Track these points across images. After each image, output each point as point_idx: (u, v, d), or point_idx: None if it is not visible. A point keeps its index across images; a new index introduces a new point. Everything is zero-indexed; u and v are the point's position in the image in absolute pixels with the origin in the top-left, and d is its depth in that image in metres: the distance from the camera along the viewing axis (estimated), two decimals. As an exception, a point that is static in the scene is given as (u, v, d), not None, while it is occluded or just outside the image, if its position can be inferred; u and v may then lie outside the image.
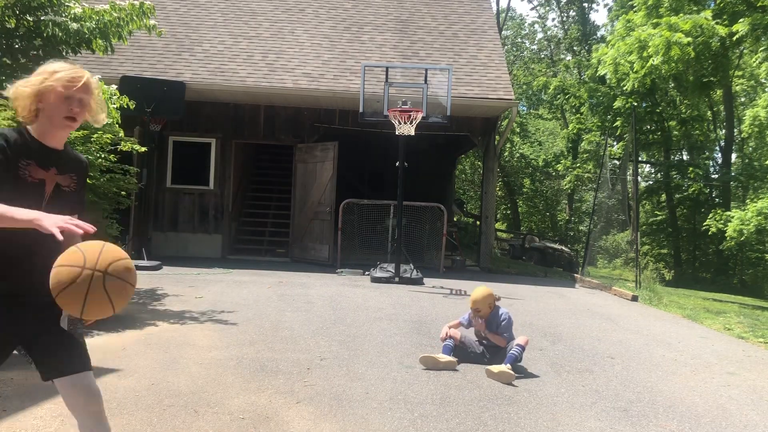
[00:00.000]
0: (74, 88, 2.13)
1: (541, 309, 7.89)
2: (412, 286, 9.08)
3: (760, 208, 12.79)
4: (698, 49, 12.75)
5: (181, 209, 12.05)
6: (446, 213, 11.69)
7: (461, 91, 11.40)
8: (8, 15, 6.11)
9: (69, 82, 2.12)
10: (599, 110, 23.49)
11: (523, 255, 18.30)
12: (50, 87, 2.11)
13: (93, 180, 5.94)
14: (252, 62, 12.04)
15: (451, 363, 4.78)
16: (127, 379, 4.09)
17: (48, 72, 2.15)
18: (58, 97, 2.11)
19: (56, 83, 2.11)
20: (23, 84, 2.13)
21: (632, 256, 14.65)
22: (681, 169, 23.18)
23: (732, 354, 6.19)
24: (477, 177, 26.94)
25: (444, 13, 14.32)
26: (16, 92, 2.14)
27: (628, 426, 3.79)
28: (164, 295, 7.16)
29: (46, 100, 2.12)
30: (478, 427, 3.59)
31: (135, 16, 6.58)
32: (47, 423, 3.28)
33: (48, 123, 2.15)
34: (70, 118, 2.15)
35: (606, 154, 17.20)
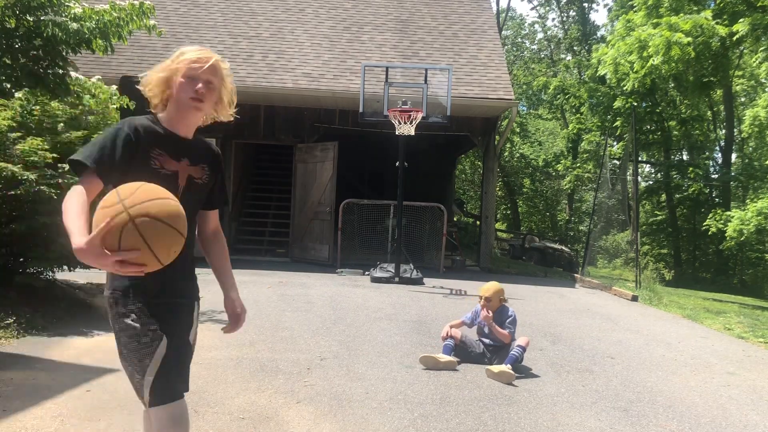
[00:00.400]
0: (200, 69, 2.01)
1: (541, 309, 7.89)
2: (412, 286, 9.08)
3: (760, 208, 12.79)
4: (698, 49, 12.74)
5: (181, 209, 12.04)
6: (446, 213, 11.68)
7: (461, 91, 11.40)
8: (8, 15, 6.11)
9: (194, 62, 2.01)
10: (599, 110, 23.48)
11: (523, 255, 18.29)
12: (176, 69, 2.02)
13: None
14: (252, 62, 12.03)
15: (451, 363, 4.78)
16: (127, 379, 4.08)
17: (175, 55, 2.06)
18: (184, 78, 2.01)
19: (181, 64, 2.02)
20: (154, 70, 2.05)
21: (632, 256, 14.66)
22: (681, 169, 23.18)
23: (732, 354, 6.19)
24: (477, 177, 26.94)
25: (444, 13, 14.32)
26: (148, 79, 2.05)
27: (628, 426, 3.79)
28: (164, 295, 7.14)
29: (173, 84, 2.02)
30: (478, 427, 3.59)
31: (135, 16, 6.58)
32: (47, 423, 3.28)
33: (175, 108, 2.05)
34: (196, 99, 2.01)
35: (606, 154, 17.20)
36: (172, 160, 2.01)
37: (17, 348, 4.67)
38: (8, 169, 5.25)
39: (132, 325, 1.97)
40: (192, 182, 2.07)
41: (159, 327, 1.98)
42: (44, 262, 5.83)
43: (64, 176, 5.60)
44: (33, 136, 5.76)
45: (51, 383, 3.90)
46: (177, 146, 2.04)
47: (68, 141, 5.99)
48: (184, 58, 2.02)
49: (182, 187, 2.04)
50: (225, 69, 2.09)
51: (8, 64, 6.21)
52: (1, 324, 5.06)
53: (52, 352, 4.63)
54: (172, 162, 2.01)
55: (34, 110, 6.09)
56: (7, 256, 5.97)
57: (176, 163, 2.02)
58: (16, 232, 5.69)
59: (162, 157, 1.99)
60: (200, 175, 2.11)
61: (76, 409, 3.48)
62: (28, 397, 3.61)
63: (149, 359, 1.97)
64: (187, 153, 2.07)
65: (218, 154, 2.25)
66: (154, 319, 1.98)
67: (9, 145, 5.62)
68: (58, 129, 6.09)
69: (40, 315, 5.52)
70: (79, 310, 6.06)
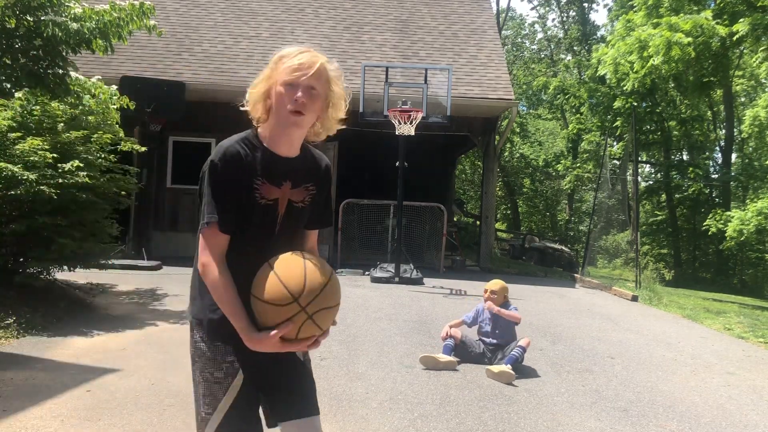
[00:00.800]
0: (302, 76, 1.72)
1: (541, 309, 7.89)
2: (412, 286, 9.07)
3: (760, 208, 12.78)
4: (698, 49, 12.73)
5: (181, 209, 12.03)
6: (446, 213, 11.68)
7: (461, 91, 11.40)
8: (8, 15, 6.11)
9: (296, 69, 1.73)
10: (599, 110, 23.47)
11: (523, 255, 18.28)
12: (275, 78, 1.76)
13: (93, 180, 5.93)
14: (252, 62, 12.03)
15: (451, 363, 4.78)
16: (127, 379, 4.09)
17: (274, 60, 1.79)
18: (283, 86, 1.73)
19: (280, 72, 1.75)
20: (254, 83, 1.81)
21: (632, 256, 14.66)
22: (681, 169, 23.17)
23: (732, 354, 6.19)
24: (477, 177, 26.93)
25: (444, 13, 14.32)
26: (249, 96, 1.81)
27: (628, 426, 3.79)
28: (164, 295, 7.15)
29: (272, 94, 1.77)
30: (478, 427, 3.59)
31: (135, 16, 6.58)
32: (47, 423, 3.27)
33: (276, 123, 1.78)
34: (296, 112, 1.73)
35: (606, 154, 17.19)
36: (272, 187, 1.78)
37: (17, 348, 4.67)
38: (8, 169, 5.25)
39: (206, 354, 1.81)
40: (292, 208, 1.83)
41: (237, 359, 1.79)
42: (44, 262, 5.84)
43: (64, 176, 5.61)
44: (33, 136, 5.76)
45: (51, 383, 3.90)
46: (278, 169, 1.80)
47: (68, 141, 5.99)
48: (283, 64, 1.76)
49: (281, 216, 1.82)
50: (332, 71, 1.79)
51: (8, 64, 6.22)
52: (1, 324, 5.06)
53: (52, 352, 4.63)
54: (273, 189, 1.79)
55: (34, 110, 6.09)
56: (7, 256, 5.97)
57: (277, 189, 1.79)
58: (16, 232, 5.69)
59: (263, 186, 1.77)
60: (302, 198, 1.86)
61: (76, 409, 3.48)
62: (28, 397, 3.61)
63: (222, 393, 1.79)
64: (290, 175, 1.82)
65: (327, 171, 1.97)
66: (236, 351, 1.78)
67: (9, 145, 5.62)
68: (58, 129, 6.09)
69: (39, 315, 5.52)
70: (79, 310, 6.06)
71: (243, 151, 1.76)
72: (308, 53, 1.77)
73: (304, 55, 1.76)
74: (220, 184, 1.73)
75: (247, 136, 1.81)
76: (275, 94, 1.75)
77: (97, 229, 6.41)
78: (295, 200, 1.83)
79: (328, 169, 1.97)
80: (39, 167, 5.49)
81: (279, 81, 1.74)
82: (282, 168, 1.80)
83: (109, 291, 7.24)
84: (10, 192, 5.38)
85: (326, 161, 1.98)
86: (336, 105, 1.82)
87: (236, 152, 1.75)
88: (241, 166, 1.74)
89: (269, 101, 1.77)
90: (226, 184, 1.72)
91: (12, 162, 5.39)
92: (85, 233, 6.16)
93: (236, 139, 1.79)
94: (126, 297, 6.98)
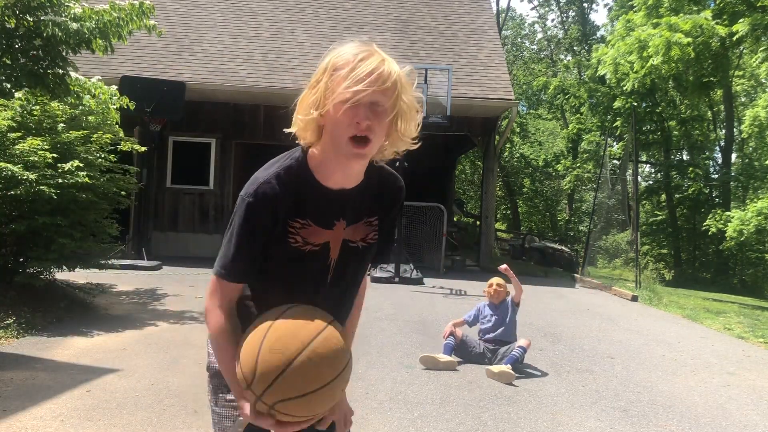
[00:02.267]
0: (364, 92, 1.28)
1: (541, 309, 7.89)
2: (412, 286, 9.07)
3: (760, 208, 12.77)
4: (698, 49, 12.73)
5: (181, 209, 12.04)
6: (446, 213, 11.68)
7: (461, 91, 11.40)
8: (8, 15, 6.12)
9: (358, 82, 1.28)
10: (599, 110, 23.46)
11: (523, 255, 18.28)
12: (328, 88, 1.32)
13: (93, 180, 5.93)
14: (252, 62, 12.03)
15: (451, 363, 4.78)
16: (127, 379, 4.09)
17: (326, 67, 1.34)
18: (340, 103, 1.29)
19: (335, 81, 1.31)
20: (304, 94, 1.40)
21: (632, 256, 14.65)
22: (681, 169, 23.16)
23: (732, 354, 6.19)
24: (477, 177, 26.93)
25: (444, 13, 14.32)
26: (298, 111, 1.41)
27: (628, 426, 3.79)
28: (164, 295, 7.15)
29: (327, 115, 1.33)
30: (478, 427, 3.59)
31: (135, 16, 6.59)
32: (47, 423, 3.27)
33: (331, 149, 1.36)
34: (359, 143, 1.31)
35: (606, 154, 17.19)
36: (320, 229, 1.41)
37: (17, 348, 4.66)
38: (8, 169, 5.24)
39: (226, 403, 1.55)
40: (347, 249, 1.46)
41: None
42: (44, 262, 5.84)
43: (64, 176, 5.60)
44: (33, 136, 5.76)
45: (51, 383, 3.89)
46: (329, 206, 1.41)
47: (68, 141, 5.99)
48: (339, 74, 1.31)
49: (334, 261, 1.45)
50: (403, 78, 1.35)
51: (8, 64, 6.22)
52: (1, 324, 5.06)
53: (52, 352, 4.63)
54: (320, 231, 1.41)
55: (34, 110, 6.09)
56: (7, 256, 5.97)
57: (327, 231, 1.42)
58: (16, 232, 5.69)
59: (306, 230, 1.40)
60: (364, 235, 1.48)
61: (76, 409, 3.48)
62: (28, 397, 3.61)
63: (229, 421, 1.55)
64: (345, 209, 1.43)
65: (399, 195, 1.55)
66: None
67: (9, 145, 5.61)
68: (58, 129, 6.09)
69: (40, 315, 5.52)
70: (79, 310, 6.05)
71: (282, 189, 1.37)
72: (372, 57, 1.32)
73: (368, 62, 1.30)
74: (249, 232, 1.38)
75: (291, 164, 1.41)
76: (330, 114, 1.32)
77: (97, 229, 6.41)
78: (353, 240, 1.46)
79: (401, 192, 1.55)
80: (39, 167, 5.49)
81: (335, 95, 1.30)
82: (335, 204, 1.41)
83: (109, 291, 7.24)
84: (10, 192, 5.38)
85: (399, 183, 1.55)
86: (407, 118, 1.37)
87: (273, 192, 1.37)
88: (280, 206, 1.37)
89: (320, 120, 1.35)
90: (255, 232, 1.38)
91: (12, 162, 5.39)
92: (85, 233, 6.16)
93: (276, 171, 1.40)
94: (126, 297, 6.98)
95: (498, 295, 5.14)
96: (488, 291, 5.20)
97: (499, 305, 5.15)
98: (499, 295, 5.14)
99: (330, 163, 1.38)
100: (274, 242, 1.40)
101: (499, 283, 5.20)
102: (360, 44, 1.35)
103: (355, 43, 1.35)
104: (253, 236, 1.38)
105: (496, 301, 5.16)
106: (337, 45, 1.37)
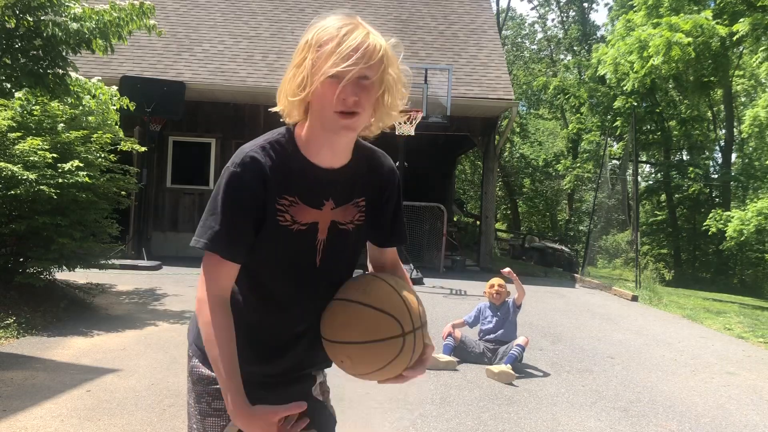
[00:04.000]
0: (350, 65, 1.25)
1: (541, 309, 7.89)
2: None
3: (760, 208, 12.78)
4: (698, 49, 12.73)
5: (181, 209, 12.04)
6: (446, 213, 11.68)
7: (461, 91, 11.40)
8: (8, 15, 6.11)
9: (346, 57, 1.25)
10: (599, 110, 23.48)
11: (523, 255, 18.29)
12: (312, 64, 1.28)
13: (93, 180, 5.93)
14: (252, 62, 12.03)
15: (451, 363, 4.78)
16: (127, 379, 4.09)
17: (309, 42, 1.31)
18: (326, 78, 1.26)
19: (320, 55, 1.27)
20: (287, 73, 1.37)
21: (632, 256, 14.65)
22: (681, 169, 23.17)
23: (732, 354, 6.19)
24: (477, 177, 26.93)
25: (444, 13, 14.32)
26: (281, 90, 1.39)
27: (628, 426, 3.79)
28: (164, 295, 7.15)
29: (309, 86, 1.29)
30: (478, 427, 3.59)
31: (135, 16, 6.59)
32: (47, 423, 3.27)
33: (318, 126, 1.34)
34: (346, 114, 1.28)
35: (606, 154, 17.20)
36: (307, 208, 1.36)
37: (17, 348, 4.66)
38: (8, 169, 5.25)
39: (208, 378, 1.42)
40: (336, 230, 1.41)
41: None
42: (44, 262, 5.84)
43: (64, 176, 5.61)
44: (33, 136, 5.76)
45: (51, 383, 3.89)
46: (318, 184, 1.37)
47: (68, 141, 5.99)
48: (324, 49, 1.28)
49: (322, 243, 1.39)
50: (387, 50, 1.34)
51: (8, 64, 6.22)
52: (1, 324, 5.06)
53: (52, 352, 4.63)
54: (308, 211, 1.36)
55: (34, 110, 6.09)
56: (7, 256, 5.97)
57: (315, 210, 1.36)
58: (16, 232, 5.69)
59: (294, 207, 1.34)
60: (351, 217, 1.43)
61: (76, 409, 3.48)
62: (28, 397, 3.61)
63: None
64: (334, 189, 1.39)
65: (391, 176, 1.52)
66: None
67: (9, 145, 5.62)
68: (58, 129, 6.09)
69: (40, 315, 5.52)
70: (79, 310, 6.05)
71: (269, 161, 1.33)
72: (357, 30, 1.30)
73: (353, 36, 1.28)
74: (236, 201, 1.30)
75: (279, 139, 1.38)
76: (315, 90, 1.28)
77: (97, 229, 6.41)
78: (342, 221, 1.41)
79: (392, 173, 1.51)
80: (39, 167, 5.49)
81: (321, 73, 1.26)
82: (323, 182, 1.37)
83: (109, 291, 7.24)
84: (10, 192, 5.38)
85: (389, 164, 1.51)
86: (393, 91, 1.35)
87: (260, 163, 1.32)
88: (269, 179, 1.32)
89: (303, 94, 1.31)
90: (243, 202, 1.31)
91: (12, 162, 5.39)
92: (85, 233, 6.16)
93: (262, 143, 1.37)
94: (126, 297, 6.98)
95: (499, 296, 5.14)
96: (489, 292, 5.19)
97: (500, 306, 5.15)
98: (500, 297, 5.14)
99: (318, 140, 1.35)
100: (262, 220, 1.33)
101: (500, 284, 5.19)
102: (343, 17, 1.32)
103: (339, 16, 1.32)
104: (241, 208, 1.30)
105: (497, 302, 5.15)
106: (319, 18, 1.34)
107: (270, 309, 1.39)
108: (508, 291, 5.21)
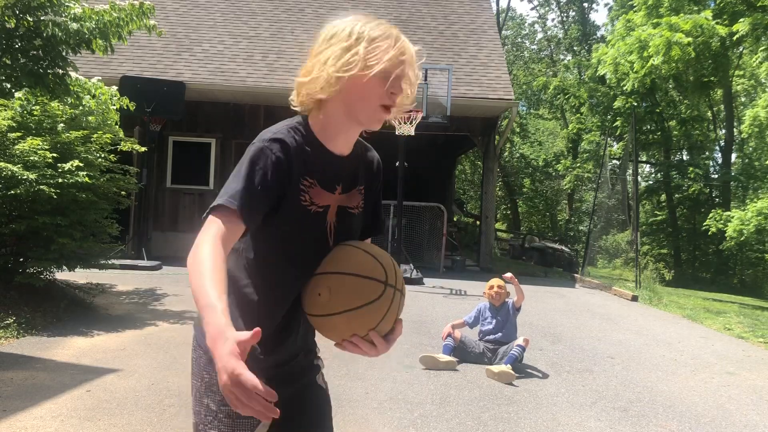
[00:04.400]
0: (399, 66, 1.37)
1: (541, 309, 7.89)
2: (411, 286, 9.08)
3: (760, 208, 12.78)
4: (698, 49, 12.73)
5: (181, 209, 12.04)
6: (446, 213, 11.68)
7: (461, 91, 11.40)
8: (8, 15, 6.11)
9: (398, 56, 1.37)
10: (599, 110, 23.49)
11: (523, 255, 18.29)
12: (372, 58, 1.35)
13: (93, 180, 5.93)
14: (252, 62, 12.04)
15: (451, 363, 4.78)
16: (127, 379, 4.09)
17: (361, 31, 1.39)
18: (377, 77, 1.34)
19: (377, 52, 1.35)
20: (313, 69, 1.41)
21: (632, 256, 14.65)
22: (681, 169, 23.17)
23: (732, 354, 6.19)
24: (477, 177, 26.94)
25: (444, 13, 14.32)
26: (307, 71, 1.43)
27: (628, 426, 3.79)
28: (164, 295, 7.15)
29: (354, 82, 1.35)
30: (478, 427, 3.59)
31: (135, 16, 6.59)
32: (47, 423, 3.27)
33: (341, 113, 1.40)
34: (387, 107, 1.38)
35: (606, 154, 17.20)
36: (324, 192, 1.42)
37: (17, 348, 4.66)
38: (8, 169, 5.25)
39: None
40: (345, 215, 1.48)
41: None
42: (44, 262, 5.84)
43: (64, 176, 5.61)
44: (33, 136, 5.76)
45: (51, 383, 3.89)
46: (331, 170, 1.44)
47: (68, 141, 5.99)
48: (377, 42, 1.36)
49: (332, 225, 1.46)
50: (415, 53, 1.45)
51: (8, 64, 6.22)
52: (1, 324, 5.06)
53: (52, 352, 4.63)
54: (324, 194, 1.42)
55: (34, 110, 6.09)
56: (7, 256, 5.97)
57: (328, 194, 1.43)
58: (16, 232, 5.69)
59: (313, 189, 1.40)
60: (356, 204, 1.51)
61: (76, 409, 3.48)
62: (28, 397, 3.61)
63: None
64: (342, 177, 1.46)
65: (379, 168, 1.62)
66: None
67: (9, 145, 5.62)
68: (58, 129, 6.09)
69: (40, 315, 5.52)
70: (79, 310, 6.05)
71: (294, 143, 1.37)
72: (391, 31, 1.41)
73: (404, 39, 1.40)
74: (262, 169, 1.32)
75: (297, 125, 1.43)
76: (362, 83, 1.33)
77: (97, 229, 6.41)
78: (350, 206, 1.49)
79: (380, 165, 1.62)
80: (39, 167, 5.49)
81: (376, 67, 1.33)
82: (336, 168, 1.44)
83: (109, 291, 7.24)
84: (10, 192, 5.38)
85: (377, 156, 1.61)
86: (408, 92, 1.43)
87: (292, 137, 1.38)
88: (293, 158, 1.36)
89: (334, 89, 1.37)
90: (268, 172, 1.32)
91: (12, 162, 5.39)
92: (85, 233, 6.16)
93: (287, 126, 1.42)
94: (126, 297, 6.98)
95: (498, 297, 5.14)
96: (489, 293, 5.19)
97: (499, 308, 5.15)
98: (499, 297, 5.14)
99: (335, 127, 1.42)
100: (281, 197, 1.35)
101: (499, 285, 5.19)
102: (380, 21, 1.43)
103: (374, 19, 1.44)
104: (265, 176, 1.32)
105: (496, 303, 5.15)
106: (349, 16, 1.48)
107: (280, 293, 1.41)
108: (507, 292, 5.21)
